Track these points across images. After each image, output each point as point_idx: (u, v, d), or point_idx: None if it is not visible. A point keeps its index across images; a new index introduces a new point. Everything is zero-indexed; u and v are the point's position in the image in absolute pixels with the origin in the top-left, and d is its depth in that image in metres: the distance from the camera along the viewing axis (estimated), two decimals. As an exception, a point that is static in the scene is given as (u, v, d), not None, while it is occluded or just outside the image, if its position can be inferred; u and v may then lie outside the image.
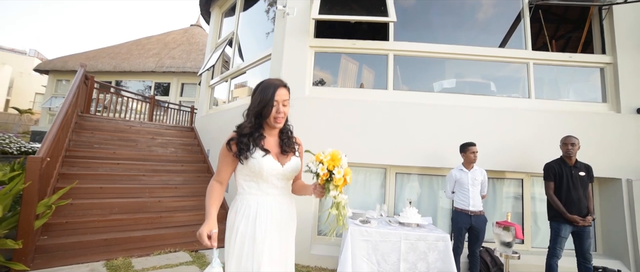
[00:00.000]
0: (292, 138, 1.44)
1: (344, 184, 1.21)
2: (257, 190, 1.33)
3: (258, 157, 1.29)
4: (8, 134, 7.73)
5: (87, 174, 3.85)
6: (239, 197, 1.37)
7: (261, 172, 1.29)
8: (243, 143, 1.29)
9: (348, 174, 1.22)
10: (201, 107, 6.48)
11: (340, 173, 1.19)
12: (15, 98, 17.95)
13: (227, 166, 1.34)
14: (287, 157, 1.37)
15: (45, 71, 11.64)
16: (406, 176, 3.74)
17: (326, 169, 1.20)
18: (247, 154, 1.28)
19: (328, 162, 1.20)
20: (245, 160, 1.29)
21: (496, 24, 4.29)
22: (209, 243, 1.17)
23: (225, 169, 1.34)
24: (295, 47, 3.75)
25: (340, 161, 1.21)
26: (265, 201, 1.33)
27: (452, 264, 2.54)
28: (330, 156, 1.21)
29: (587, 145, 3.28)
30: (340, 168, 1.20)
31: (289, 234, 1.41)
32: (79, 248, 2.92)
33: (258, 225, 1.29)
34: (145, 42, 12.85)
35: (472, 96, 3.70)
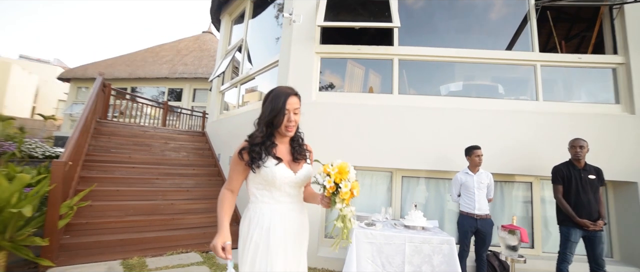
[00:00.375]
0: (304, 145, 1.44)
1: (351, 197, 1.20)
2: (270, 198, 1.33)
3: (271, 165, 1.29)
4: (34, 139, 8.15)
5: (104, 177, 4.04)
6: (252, 206, 1.36)
7: (274, 181, 1.29)
8: (255, 152, 1.28)
9: (355, 187, 1.20)
10: (212, 112, 6.67)
11: (347, 187, 1.17)
12: (40, 105, 18.87)
13: (239, 174, 1.34)
14: (299, 165, 1.37)
15: (67, 79, 12.20)
16: (413, 180, 3.75)
17: (333, 182, 1.19)
18: (260, 162, 1.28)
19: (335, 175, 1.19)
20: (257, 169, 1.29)
21: (502, 27, 4.27)
22: (224, 255, 1.16)
23: (236, 178, 1.35)
24: (301, 53, 3.84)
25: (348, 174, 1.19)
26: (278, 209, 1.33)
27: (457, 267, 2.55)
28: (337, 169, 1.20)
29: (600, 147, 3.23)
30: (348, 181, 1.18)
31: (302, 242, 1.40)
32: (97, 247, 3.08)
33: (272, 234, 1.28)
34: (158, 49, 13.28)
35: (477, 99, 3.69)
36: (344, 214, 1.22)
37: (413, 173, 3.70)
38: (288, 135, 1.35)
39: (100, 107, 5.59)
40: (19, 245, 2.52)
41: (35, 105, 18.66)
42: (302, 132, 1.44)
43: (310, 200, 1.45)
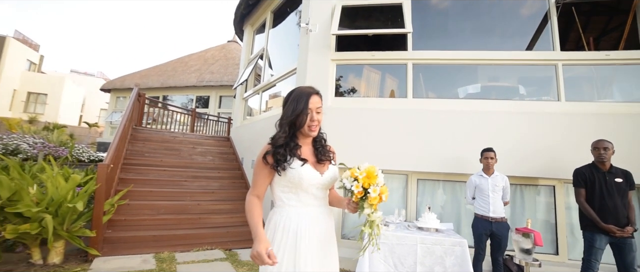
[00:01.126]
0: (327, 146, 1.40)
1: (379, 202, 1.16)
2: (296, 201, 1.29)
3: (297, 167, 1.25)
4: (82, 144, 9.07)
5: (139, 179, 4.44)
6: (278, 209, 1.33)
7: (301, 183, 1.25)
8: (280, 154, 1.25)
9: (384, 192, 1.16)
10: (236, 118, 7.03)
11: (376, 192, 1.13)
12: (86, 114, 20.73)
13: (264, 178, 1.30)
14: (324, 166, 1.33)
15: (107, 90, 13.32)
16: (429, 182, 3.76)
17: (361, 187, 1.14)
18: (285, 164, 1.24)
19: (363, 180, 1.14)
20: (283, 171, 1.25)
21: (522, 27, 4.17)
22: (270, 261, 1.10)
23: (262, 183, 1.30)
24: (318, 61, 4.01)
25: (376, 178, 1.15)
26: (305, 212, 1.29)
27: (469, 270, 2.55)
28: (366, 173, 1.15)
29: (631, 149, 3.06)
30: (376, 186, 1.14)
31: (332, 247, 1.36)
32: (133, 242, 3.42)
33: (299, 238, 1.24)
34: (187, 59, 14.12)
35: (494, 101, 3.65)
36: (372, 219, 1.17)
37: (429, 176, 3.71)
38: (311, 135, 1.31)
39: (135, 115, 6.11)
40: (74, 235, 2.90)
41: (82, 114, 20.51)
42: (324, 133, 1.40)
43: (335, 204, 1.41)
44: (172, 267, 2.92)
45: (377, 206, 1.17)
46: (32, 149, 6.81)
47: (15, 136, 7.89)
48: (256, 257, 1.11)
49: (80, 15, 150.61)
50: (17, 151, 6.64)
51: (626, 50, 3.70)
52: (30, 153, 6.58)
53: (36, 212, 2.70)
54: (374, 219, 1.17)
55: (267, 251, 1.11)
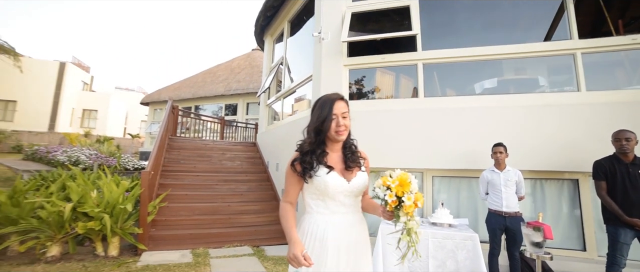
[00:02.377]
0: (357, 152, 1.39)
1: (415, 208, 1.12)
2: (324, 209, 1.30)
3: (322, 174, 1.26)
4: (126, 154, 10.12)
5: (176, 183, 4.96)
6: (307, 216, 1.35)
7: (327, 190, 1.26)
8: (306, 162, 1.27)
9: (419, 199, 1.13)
10: (261, 124, 7.45)
11: (411, 199, 1.10)
12: (129, 126, 22.77)
13: (294, 185, 1.32)
14: (352, 173, 1.32)
15: (146, 103, 14.57)
16: (445, 179, 3.82)
17: (395, 196, 1.12)
18: (311, 172, 1.26)
19: (396, 188, 1.12)
20: (309, 179, 1.27)
21: (537, 19, 4.07)
22: (307, 263, 1.12)
23: (292, 190, 1.33)
24: (331, 67, 4.23)
25: (410, 185, 1.12)
26: (333, 219, 1.29)
27: (481, 263, 2.62)
28: (398, 180, 1.13)
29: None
30: (410, 194, 1.11)
31: (362, 254, 1.34)
32: (173, 239, 3.87)
33: (325, 246, 1.25)
34: (215, 70, 15.01)
35: (507, 96, 3.63)
36: (409, 227, 1.14)
37: (443, 173, 3.77)
38: (339, 139, 1.31)
39: (170, 126, 6.75)
40: (126, 232, 3.41)
41: (125, 127, 22.54)
42: (354, 139, 1.41)
43: (370, 210, 1.40)
44: (206, 261, 3.30)
45: (414, 213, 1.13)
46: (88, 160, 7.78)
47: (76, 148, 9.02)
48: (293, 260, 1.13)
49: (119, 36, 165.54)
50: (77, 162, 7.62)
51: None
52: (87, 163, 7.52)
53: (97, 212, 3.22)
54: (411, 226, 1.14)
55: (303, 254, 1.13)
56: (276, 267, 3.18)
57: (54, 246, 3.20)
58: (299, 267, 1.15)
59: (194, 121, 9.27)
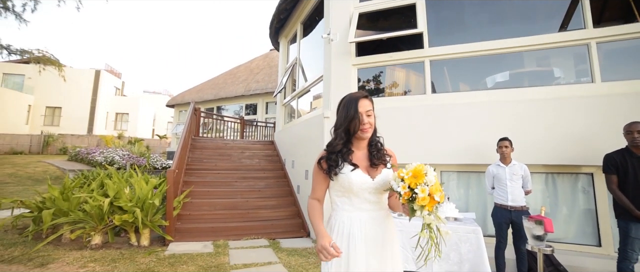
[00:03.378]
0: (382, 150, 1.40)
1: (433, 204, 1.08)
2: (349, 206, 1.32)
3: (347, 172, 1.29)
4: (155, 154, 10.86)
5: (199, 181, 5.34)
6: (333, 213, 1.38)
7: (351, 187, 1.28)
8: (332, 160, 1.30)
9: (436, 192, 1.08)
10: (278, 123, 7.73)
11: (425, 192, 1.07)
12: (157, 127, 24.16)
13: (320, 183, 1.36)
14: (377, 170, 1.33)
15: (171, 105, 15.41)
16: (453, 174, 3.86)
17: (408, 187, 1.10)
18: (336, 170, 1.29)
19: (409, 180, 1.10)
20: (335, 176, 1.30)
21: (551, 9, 3.95)
22: (336, 253, 1.14)
23: (319, 187, 1.37)
24: (340, 67, 4.37)
25: (424, 178, 1.09)
26: (358, 217, 1.30)
27: (484, 256, 2.68)
28: (412, 172, 1.11)
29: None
30: (425, 185, 1.08)
31: (388, 251, 1.33)
32: (196, 231, 4.22)
33: (351, 242, 1.27)
34: (235, 71, 15.55)
35: (515, 90, 3.60)
36: (427, 222, 1.10)
37: (453, 167, 3.81)
38: (365, 137, 1.33)
39: (193, 127, 7.19)
40: (155, 225, 3.79)
41: (153, 128, 23.92)
42: (380, 136, 1.43)
43: (397, 208, 1.39)
44: (225, 252, 3.59)
45: (435, 207, 1.09)
46: (121, 160, 8.47)
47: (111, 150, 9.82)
48: (322, 251, 1.15)
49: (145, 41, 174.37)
50: (113, 162, 8.33)
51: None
52: (120, 163, 8.20)
53: (130, 207, 3.62)
54: (429, 221, 1.09)
55: (331, 244, 1.15)
56: (289, 258, 3.41)
57: (96, 235, 3.64)
58: (328, 259, 1.16)
59: (215, 121, 9.78)
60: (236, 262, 3.23)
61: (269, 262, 3.28)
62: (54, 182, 6.18)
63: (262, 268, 3.09)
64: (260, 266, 3.14)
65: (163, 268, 3.04)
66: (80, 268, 2.98)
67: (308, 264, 3.25)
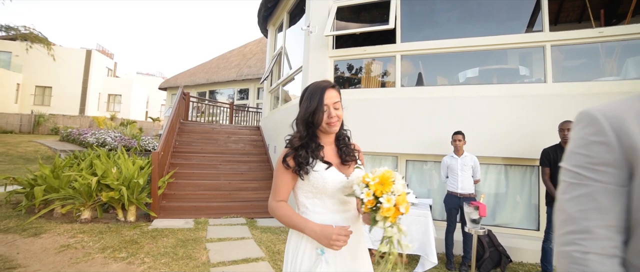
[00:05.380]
0: (350, 145, 1.28)
1: (398, 215, 0.99)
2: (321, 208, 1.17)
3: (321, 170, 1.15)
4: (147, 136, 11.06)
5: (185, 163, 5.62)
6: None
7: (326, 188, 1.14)
8: (301, 156, 1.15)
9: (402, 202, 0.99)
10: (264, 109, 7.97)
11: (391, 201, 0.97)
12: (150, 109, 24.17)
13: (286, 184, 1.19)
14: (349, 168, 1.22)
15: (164, 88, 15.47)
16: (418, 163, 4.18)
17: (372, 195, 0.99)
18: (307, 167, 1.14)
19: (375, 187, 0.99)
20: (306, 175, 1.15)
21: (517, 10, 4.17)
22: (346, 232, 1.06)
23: (285, 188, 1.20)
24: (318, 58, 4.59)
25: (392, 186, 1.00)
26: (332, 219, 1.15)
27: (431, 236, 3.04)
28: (379, 178, 1.01)
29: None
30: (391, 195, 0.98)
31: (362, 253, 1.23)
32: (180, 210, 4.54)
33: (326, 250, 1.12)
34: (228, 55, 15.54)
35: (475, 86, 3.88)
36: (388, 235, 1.01)
37: (417, 157, 4.12)
38: (332, 131, 1.20)
39: (182, 111, 7.40)
40: (140, 202, 4.10)
41: (147, 110, 23.93)
42: (348, 130, 1.31)
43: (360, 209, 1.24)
44: (204, 227, 3.93)
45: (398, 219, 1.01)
46: (113, 141, 8.68)
47: (103, 131, 10.00)
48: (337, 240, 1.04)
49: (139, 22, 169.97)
50: (104, 143, 8.55)
51: (632, 24, 3.55)
52: (112, 144, 8.42)
53: (117, 185, 3.91)
54: (390, 234, 1.01)
55: (335, 229, 1.06)
56: (261, 235, 3.76)
57: (86, 210, 3.95)
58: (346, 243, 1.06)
59: (206, 106, 9.98)
60: (212, 237, 3.57)
61: (242, 237, 3.62)
62: (45, 161, 6.43)
63: (234, 242, 3.44)
64: (233, 240, 3.49)
65: (145, 240, 3.37)
66: (71, 238, 3.30)
67: (278, 240, 3.59)
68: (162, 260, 2.88)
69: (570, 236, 0.66)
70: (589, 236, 0.64)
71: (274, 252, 3.21)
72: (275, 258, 3.06)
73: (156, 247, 3.18)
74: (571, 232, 0.66)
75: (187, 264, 2.83)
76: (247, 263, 2.91)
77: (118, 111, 19.90)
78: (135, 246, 3.19)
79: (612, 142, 0.65)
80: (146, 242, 3.30)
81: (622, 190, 0.63)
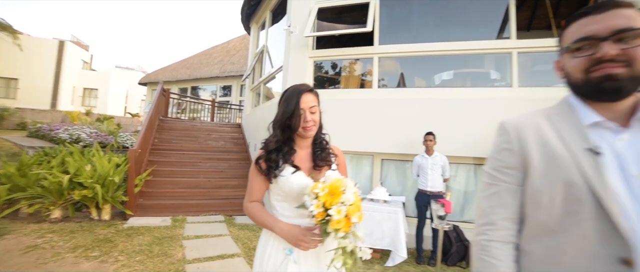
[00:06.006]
0: (327, 149, 1.28)
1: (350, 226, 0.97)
2: (289, 211, 1.18)
3: (287, 174, 1.16)
4: (126, 133, 10.73)
5: (164, 160, 5.54)
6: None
7: (291, 192, 1.15)
8: (271, 160, 1.17)
9: (353, 213, 0.96)
10: (246, 107, 7.94)
11: (341, 213, 0.95)
12: (129, 104, 23.34)
13: (259, 185, 1.22)
14: (320, 173, 1.20)
15: (144, 83, 15.03)
16: (392, 162, 4.34)
17: (322, 207, 0.96)
18: (276, 172, 1.16)
19: (324, 198, 0.96)
20: (274, 179, 1.17)
21: (489, 17, 4.40)
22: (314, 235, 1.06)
23: (258, 189, 1.22)
24: (298, 58, 4.65)
25: (341, 196, 0.97)
26: (300, 224, 1.15)
27: (401, 232, 3.20)
28: (328, 189, 0.98)
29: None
30: (342, 206, 0.96)
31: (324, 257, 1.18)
32: (158, 208, 4.50)
33: (294, 253, 1.13)
34: (211, 51, 15.26)
35: (447, 89, 4.08)
36: (342, 246, 0.98)
37: (391, 156, 4.28)
38: (307, 135, 1.20)
39: (162, 107, 7.26)
40: (115, 200, 4.03)
41: (126, 105, 23.12)
42: (326, 134, 1.31)
43: None
44: (182, 225, 3.93)
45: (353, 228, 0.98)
46: (88, 138, 8.38)
47: (77, 127, 9.61)
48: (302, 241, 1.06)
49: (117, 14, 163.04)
50: (79, 139, 8.23)
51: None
52: (87, 141, 8.13)
53: (90, 183, 3.83)
54: (345, 245, 0.98)
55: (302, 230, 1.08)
56: (239, 232, 3.80)
57: (56, 209, 3.83)
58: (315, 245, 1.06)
59: (188, 103, 9.82)
60: (189, 234, 3.58)
61: (219, 234, 3.65)
62: (10, 159, 6.13)
63: (211, 239, 3.47)
64: (210, 238, 3.52)
65: (120, 238, 3.33)
66: (38, 238, 3.21)
67: (255, 237, 3.65)
68: (137, 258, 2.88)
69: (481, 227, 0.80)
70: (494, 227, 0.78)
71: (250, 248, 3.27)
72: (251, 254, 3.12)
73: (131, 245, 3.16)
74: (482, 225, 0.80)
75: (162, 261, 2.84)
76: (222, 259, 2.96)
77: (94, 106, 19.09)
78: (109, 244, 3.16)
79: (515, 149, 0.78)
80: (121, 241, 3.27)
81: (519, 189, 0.76)
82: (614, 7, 0.67)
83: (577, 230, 0.66)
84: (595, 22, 0.68)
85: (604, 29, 0.66)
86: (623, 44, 0.65)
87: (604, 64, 0.66)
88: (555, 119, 0.80)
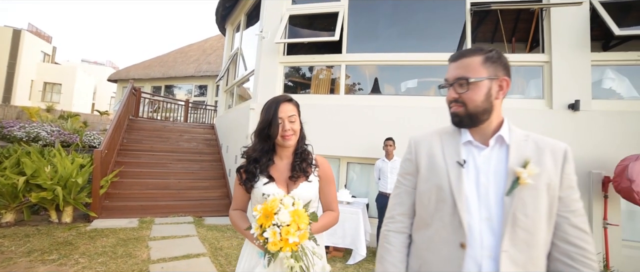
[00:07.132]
0: (308, 159, 1.27)
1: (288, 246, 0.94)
2: None
3: (260, 185, 1.17)
4: (93, 132, 10.26)
5: (133, 161, 5.46)
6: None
7: (262, 202, 1.11)
8: (249, 171, 1.19)
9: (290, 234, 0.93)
10: (219, 108, 7.93)
11: (276, 235, 0.93)
12: (98, 102, 22.20)
13: (241, 194, 1.25)
14: (295, 184, 1.20)
15: (114, 80, 14.42)
16: (357, 165, 4.59)
17: (259, 227, 0.97)
18: (252, 183, 1.18)
19: (260, 220, 0.97)
20: (251, 189, 1.19)
21: (449, 30, 4.78)
22: None
23: (241, 198, 1.26)
24: (269, 63, 4.79)
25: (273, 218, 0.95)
26: None
27: (361, 231, 3.43)
28: (262, 211, 0.97)
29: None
30: (275, 227, 0.94)
31: None
32: (125, 209, 4.46)
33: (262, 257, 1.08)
34: (187, 49, 14.95)
35: (408, 97, 4.38)
36: (288, 266, 0.97)
37: (357, 160, 4.53)
38: (286, 144, 1.20)
39: (132, 107, 7.10)
40: (78, 202, 3.95)
41: (94, 102, 21.96)
42: (309, 144, 1.32)
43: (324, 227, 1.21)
44: (149, 227, 3.93)
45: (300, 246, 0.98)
46: (49, 137, 7.96)
47: (35, 124, 9.07)
48: None
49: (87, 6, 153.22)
50: (37, 138, 7.79)
51: (529, 53, 4.32)
52: (48, 140, 7.72)
53: (50, 185, 3.73)
54: (290, 265, 0.97)
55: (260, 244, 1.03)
56: (207, 233, 3.87)
57: (8, 213, 3.69)
58: None
59: (161, 103, 9.59)
60: (156, 235, 3.61)
61: (187, 235, 3.71)
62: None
63: (178, 240, 3.52)
64: (177, 238, 3.57)
65: (82, 241, 3.30)
66: (-12, 243, 3.10)
67: (222, 237, 3.75)
68: (99, 259, 2.89)
69: (385, 221, 1.02)
70: (392, 221, 1.00)
71: (216, 248, 3.36)
72: (217, 254, 3.22)
73: (93, 248, 3.15)
74: (386, 218, 1.02)
75: (126, 262, 2.87)
76: (188, 259, 3.03)
77: (57, 102, 17.98)
78: (69, 247, 3.13)
79: (413, 159, 1.01)
80: (82, 243, 3.24)
81: (413, 191, 0.99)
82: (460, 57, 0.91)
83: (440, 223, 0.89)
84: (449, 69, 0.92)
85: (449, 77, 0.90)
86: (462, 88, 0.88)
87: (451, 104, 0.90)
88: (444, 137, 1.03)
